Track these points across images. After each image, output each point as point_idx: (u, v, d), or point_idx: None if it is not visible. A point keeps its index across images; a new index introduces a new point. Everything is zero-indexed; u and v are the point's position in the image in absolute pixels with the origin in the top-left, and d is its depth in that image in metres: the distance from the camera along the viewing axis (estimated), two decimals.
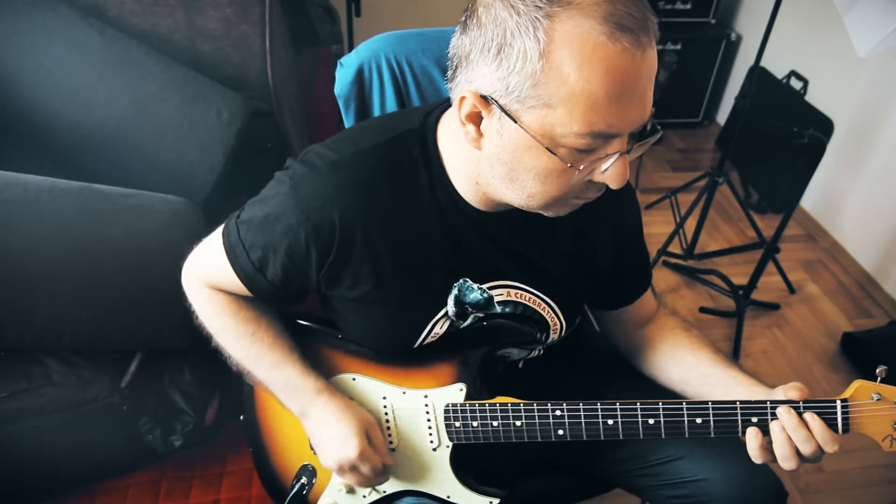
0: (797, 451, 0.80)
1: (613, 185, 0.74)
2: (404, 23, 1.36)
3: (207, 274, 0.94)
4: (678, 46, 3.02)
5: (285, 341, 0.95)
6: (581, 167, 0.71)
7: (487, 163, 0.76)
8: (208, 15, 1.80)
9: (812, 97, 2.63)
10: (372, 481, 0.94)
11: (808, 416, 0.79)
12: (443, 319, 0.91)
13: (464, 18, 0.71)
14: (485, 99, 0.70)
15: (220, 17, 1.81)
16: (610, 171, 0.72)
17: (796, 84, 2.66)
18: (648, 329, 1.05)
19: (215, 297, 0.94)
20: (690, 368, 0.97)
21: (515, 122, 0.69)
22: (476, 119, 0.73)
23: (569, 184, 0.73)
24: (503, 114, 0.69)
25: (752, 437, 0.81)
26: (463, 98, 0.71)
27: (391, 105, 1.17)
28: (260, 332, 0.94)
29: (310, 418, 0.93)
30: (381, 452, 0.92)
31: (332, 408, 0.91)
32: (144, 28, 1.76)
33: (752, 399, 0.82)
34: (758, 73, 2.03)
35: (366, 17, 2.63)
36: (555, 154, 0.69)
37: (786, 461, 0.80)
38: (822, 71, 2.59)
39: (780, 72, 2.74)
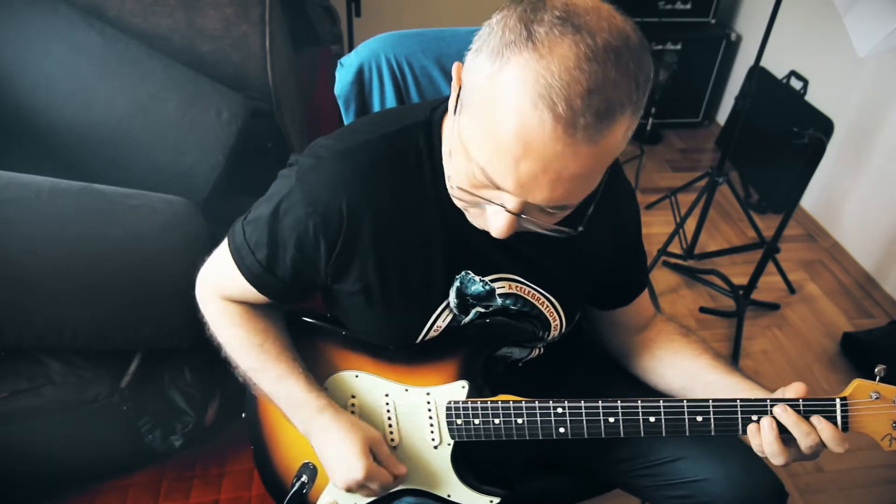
0: (797, 447, 0.80)
1: (491, 232, 0.73)
2: (404, 23, 1.36)
3: (218, 282, 0.95)
4: (678, 46, 3.02)
5: (290, 353, 0.95)
6: (468, 195, 0.71)
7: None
8: (208, 15, 1.80)
9: (812, 97, 2.63)
10: (384, 493, 0.94)
11: (816, 419, 0.79)
12: (445, 312, 0.91)
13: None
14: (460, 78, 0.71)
15: (220, 17, 1.81)
16: (491, 217, 0.71)
17: (796, 84, 2.66)
18: (646, 335, 1.05)
19: (227, 308, 0.95)
20: (693, 376, 0.96)
21: (455, 113, 0.70)
22: (458, 89, 0.73)
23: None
24: (458, 99, 0.70)
25: (755, 435, 0.82)
26: (457, 66, 0.72)
27: (391, 105, 1.17)
28: (267, 343, 0.94)
29: (314, 438, 0.93)
30: (390, 466, 0.92)
31: (334, 428, 0.90)
32: (144, 28, 1.76)
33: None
34: (758, 73, 2.03)
35: (366, 17, 2.63)
36: (469, 162, 0.68)
37: (775, 457, 0.81)
38: (822, 71, 2.59)
39: (780, 72, 2.74)
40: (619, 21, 0.63)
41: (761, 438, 0.81)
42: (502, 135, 0.62)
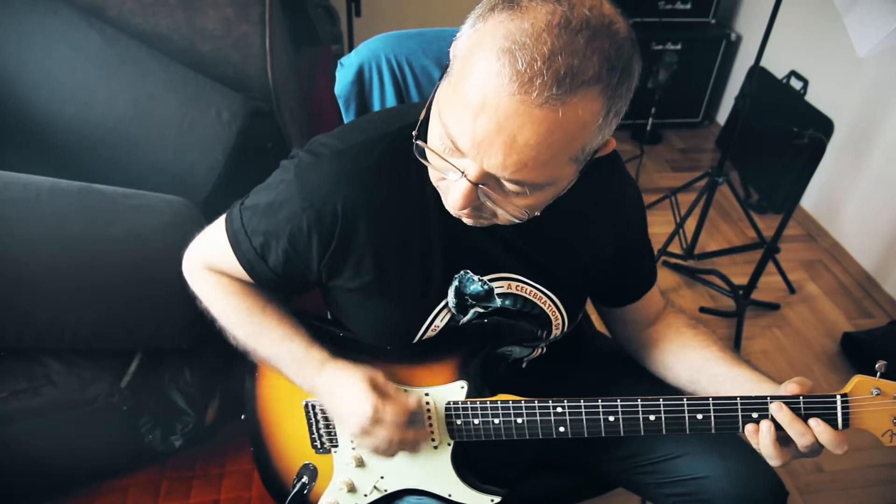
0: (795, 445, 0.80)
1: (446, 204, 0.74)
2: (404, 23, 1.36)
3: (210, 260, 0.95)
4: (678, 46, 3.02)
5: (292, 318, 0.95)
6: (437, 160, 0.70)
7: None
8: (208, 15, 1.80)
9: (812, 97, 2.63)
10: (404, 435, 0.88)
11: (814, 421, 0.79)
12: (443, 311, 0.91)
13: None
14: None
15: (220, 17, 1.81)
16: (452, 187, 0.72)
17: (796, 84, 2.66)
18: (655, 328, 1.05)
19: (223, 278, 0.94)
20: (699, 368, 0.96)
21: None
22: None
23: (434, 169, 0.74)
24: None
25: (752, 435, 0.81)
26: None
27: (391, 105, 1.17)
28: (270, 307, 0.94)
29: (321, 393, 0.92)
30: (400, 400, 0.87)
31: (337, 376, 0.89)
32: (144, 28, 1.76)
33: (755, 395, 0.82)
34: (758, 73, 2.03)
35: (366, 17, 2.63)
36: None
37: (772, 459, 0.81)
38: (822, 71, 2.59)
39: (780, 72, 2.74)
40: (606, 8, 0.64)
41: (759, 439, 0.81)
42: (466, 88, 0.64)
